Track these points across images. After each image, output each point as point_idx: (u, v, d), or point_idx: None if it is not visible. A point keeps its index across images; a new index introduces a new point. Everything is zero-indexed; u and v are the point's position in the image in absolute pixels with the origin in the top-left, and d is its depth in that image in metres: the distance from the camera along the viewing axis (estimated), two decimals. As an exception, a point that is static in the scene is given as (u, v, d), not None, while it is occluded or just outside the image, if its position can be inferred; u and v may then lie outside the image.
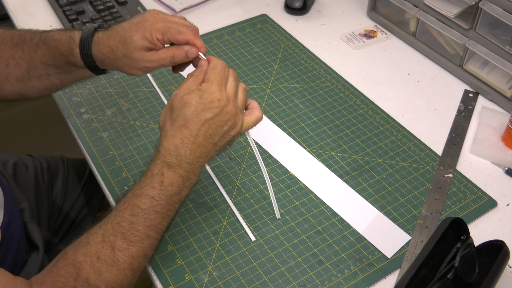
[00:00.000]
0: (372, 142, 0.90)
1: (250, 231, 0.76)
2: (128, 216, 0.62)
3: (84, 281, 0.58)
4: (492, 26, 0.93)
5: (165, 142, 0.64)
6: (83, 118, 0.92)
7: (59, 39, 0.74)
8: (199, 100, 0.65)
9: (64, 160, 1.06)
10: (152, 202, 0.63)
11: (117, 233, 0.61)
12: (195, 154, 0.65)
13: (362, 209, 0.79)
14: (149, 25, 0.69)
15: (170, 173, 0.64)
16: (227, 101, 0.66)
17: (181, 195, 0.66)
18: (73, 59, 0.74)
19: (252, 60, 1.06)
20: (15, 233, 0.77)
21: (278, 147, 0.89)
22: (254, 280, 0.70)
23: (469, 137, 0.91)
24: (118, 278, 0.60)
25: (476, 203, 0.80)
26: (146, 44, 0.69)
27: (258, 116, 0.71)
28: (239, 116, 0.67)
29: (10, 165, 0.96)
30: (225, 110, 0.65)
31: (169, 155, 0.64)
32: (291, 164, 0.86)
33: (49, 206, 0.98)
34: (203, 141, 0.65)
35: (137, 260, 0.62)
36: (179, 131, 0.64)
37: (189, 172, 0.65)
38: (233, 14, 1.18)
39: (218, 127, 0.65)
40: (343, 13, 1.20)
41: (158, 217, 0.63)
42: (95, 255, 0.60)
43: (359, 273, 0.71)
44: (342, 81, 1.01)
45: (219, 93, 0.65)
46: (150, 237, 0.63)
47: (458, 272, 0.64)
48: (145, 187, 0.64)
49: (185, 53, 0.70)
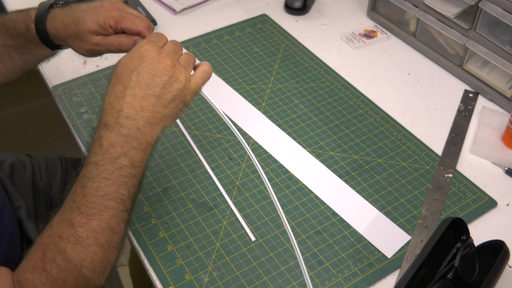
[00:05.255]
0: (372, 142, 0.90)
1: (250, 231, 0.76)
2: (79, 189, 0.60)
3: (52, 261, 0.57)
4: (492, 26, 0.93)
5: (103, 104, 0.63)
6: (83, 118, 0.92)
7: (16, 19, 0.78)
8: (128, 55, 0.64)
9: (62, 160, 1.06)
10: (97, 169, 0.60)
11: (73, 209, 0.59)
12: (134, 107, 0.61)
13: (362, 209, 0.79)
14: (105, 11, 0.72)
15: (108, 133, 0.61)
16: (158, 51, 0.64)
17: (132, 158, 0.61)
18: (30, 36, 0.77)
19: (252, 60, 1.06)
20: (6, 229, 0.77)
21: (278, 147, 0.89)
22: (254, 280, 0.70)
23: (469, 137, 0.91)
24: (86, 255, 0.58)
25: (476, 203, 0.80)
26: (97, 29, 0.72)
27: (205, 68, 0.67)
28: (179, 69, 0.64)
29: (7, 164, 0.96)
30: (157, 59, 0.63)
31: (105, 114, 0.62)
32: (291, 164, 0.86)
33: (47, 204, 0.98)
34: (140, 92, 0.62)
35: (102, 234, 0.59)
36: (113, 89, 0.62)
37: (132, 128, 0.61)
38: (233, 14, 1.18)
39: (154, 76, 0.62)
40: (343, 13, 1.20)
41: (110, 185, 0.60)
42: (57, 235, 0.58)
43: (359, 273, 0.71)
44: (342, 81, 1.01)
45: (147, 45, 0.64)
46: (109, 208, 0.59)
47: (458, 272, 0.64)
48: (89, 155, 0.61)
49: (133, 42, 0.71)
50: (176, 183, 0.82)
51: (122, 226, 0.62)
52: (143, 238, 0.75)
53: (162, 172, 0.84)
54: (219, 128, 0.91)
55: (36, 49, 0.79)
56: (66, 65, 1.03)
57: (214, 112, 0.93)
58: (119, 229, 0.61)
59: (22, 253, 0.81)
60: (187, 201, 0.80)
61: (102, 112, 0.62)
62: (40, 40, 0.77)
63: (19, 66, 0.82)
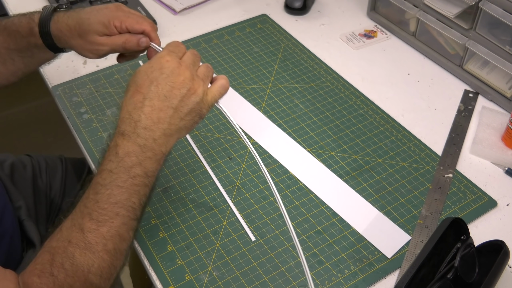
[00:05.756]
0: (372, 142, 0.90)
1: (250, 231, 0.76)
2: (92, 195, 0.60)
3: (60, 266, 0.57)
4: (492, 26, 0.93)
5: (120, 113, 0.63)
6: (83, 118, 0.92)
7: (19, 22, 0.78)
8: (148, 65, 0.64)
9: (62, 160, 1.06)
10: (111, 176, 0.60)
11: (84, 215, 0.59)
12: (151, 118, 0.62)
13: (362, 209, 0.79)
14: (109, 11, 0.73)
15: (125, 142, 0.61)
16: (178, 64, 0.64)
17: (145, 168, 0.62)
18: (34, 39, 0.77)
19: (252, 60, 1.06)
20: (7, 229, 0.77)
21: (278, 147, 0.89)
22: (254, 280, 0.70)
23: (469, 137, 0.91)
24: (94, 261, 0.58)
25: (476, 203, 0.80)
26: (102, 29, 0.73)
27: (222, 83, 0.68)
28: (197, 82, 0.65)
29: (7, 164, 0.96)
30: (177, 71, 0.63)
31: (123, 123, 0.62)
32: (291, 164, 0.86)
33: (48, 204, 0.99)
34: (158, 103, 0.62)
35: (111, 241, 0.59)
36: (131, 98, 0.63)
37: (148, 139, 0.62)
38: (233, 14, 1.18)
39: (173, 89, 0.63)
40: (343, 13, 1.20)
41: (122, 193, 0.60)
42: (67, 240, 0.58)
43: (359, 273, 0.71)
44: (342, 81, 1.01)
45: (168, 57, 0.64)
46: (120, 215, 0.60)
47: (458, 272, 0.64)
48: (104, 162, 0.61)
49: (137, 40, 0.72)
50: (176, 183, 0.82)
51: (131, 234, 0.63)
52: (143, 238, 0.75)
53: (162, 172, 0.84)
54: (219, 128, 0.91)
55: (39, 52, 0.80)
56: (66, 65, 1.03)
57: (214, 112, 0.93)
58: (128, 237, 0.62)
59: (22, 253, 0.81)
60: (187, 201, 0.80)
61: (119, 120, 0.63)
62: (43, 43, 0.77)
63: (20, 69, 0.83)
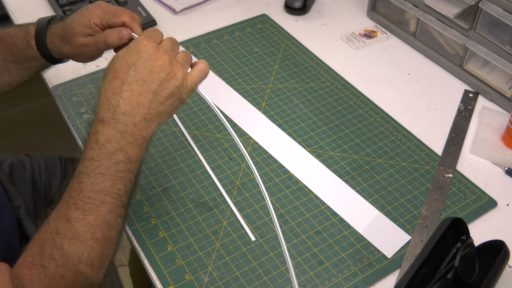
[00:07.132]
0: (372, 142, 0.90)
1: (250, 231, 0.76)
2: (76, 184, 0.60)
3: (50, 257, 0.57)
4: (492, 26, 0.93)
5: (99, 99, 0.63)
6: (83, 118, 0.92)
7: (16, 35, 0.78)
8: (126, 50, 0.64)
9: (62, 159, 1.06)
10: (93, 164, 0.60)
11: (69, 205, 0.59)
12: (130, 103, 0.62)
13: (362, 209, 0.79)
14: (88, 12, 0.73)
15: (105, 128, 0.61)
16: (156, 48, 0.64)
17: (128, 153, 0.62)
18: (31, 52, 0.77)
19: (252, 60, 1.06)
20: (5, 228, 0.77)
21: (278, 147, 0.88)
22: (254, 280, 0.70)
23: (469, 137, 0.91)
24: (84, 250, 0.58)
25: (476, 203, 0.80)
26: (85, 30, 0.73)
27: (202, 67, 0.67)
28: (176, 66, 0.64)
29: (6, 164, 0.96)
30: (155, 55, 0.63)
31: (102, 110, 0.62)
32: (291, 164, 0.86)
33: (47, 204, 0.99)
34: (137, 87, 0.62)
35: (99, 229, 0.59)
36: (110, 84, 0.63)
37: (128, 124, 0.61)
38: (233, 14, 1.18)
39: (152, 73, 0.62)
40: (343, 13, 1.20)
41: (106, 180, 0.60)
42: (54, 231, 0.58)
43: (359, 273, 0.71)
44: (342, 81, 1.01)
45: (146, 41, 0.64)
46: (105, 203, 0.60)
47: (458, 272, 0.64)
48: (85, 150, 0.61)
49: (118, 33, 0.71)
50: (176, 183, 0.82)
51: (119, 221, 0.62)
52: (143, 238, 0.75)
53: (162, 172, 0.84)
54: (219, 128, 0.91)
55: (36, 64, 0.80)
56: (66, 65, 1.02)
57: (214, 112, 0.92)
58: (116, 224, 0.62)
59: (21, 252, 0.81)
60: (187, 201, 0.80)
61: (98, 107, 0.63)
62: (41, 55, 0.78)
63: (16, 80, 0.83)
